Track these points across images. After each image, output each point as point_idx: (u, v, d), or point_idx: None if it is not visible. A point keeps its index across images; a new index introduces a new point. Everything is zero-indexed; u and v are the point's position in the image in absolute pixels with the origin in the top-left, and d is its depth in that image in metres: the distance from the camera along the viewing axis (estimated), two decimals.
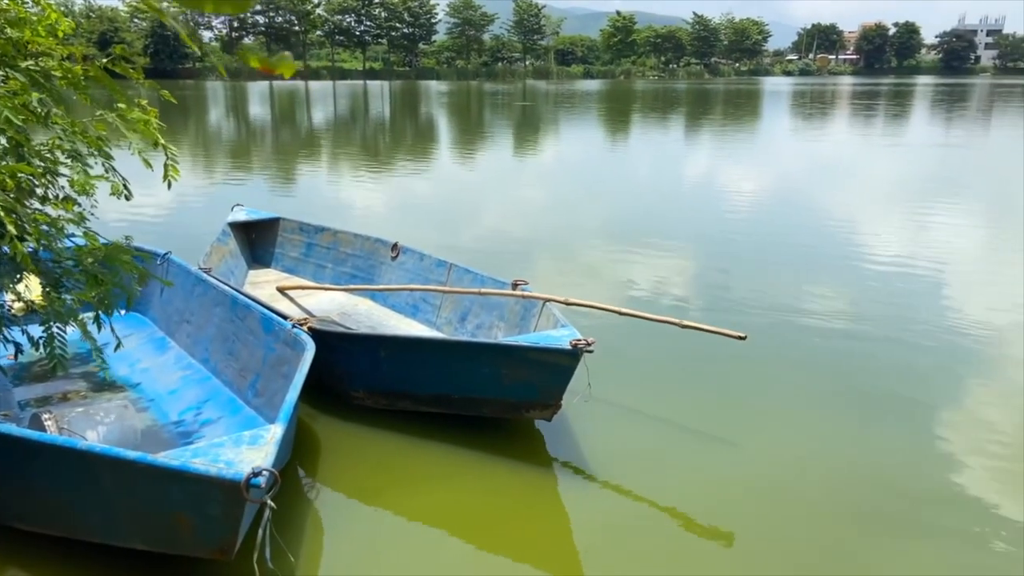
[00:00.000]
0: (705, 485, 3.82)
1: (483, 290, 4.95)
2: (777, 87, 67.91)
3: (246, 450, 2.67)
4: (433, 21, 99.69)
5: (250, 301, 4.49)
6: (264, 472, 2.46)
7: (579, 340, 3.72)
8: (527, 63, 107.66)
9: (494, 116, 33.93)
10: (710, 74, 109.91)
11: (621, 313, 4.24)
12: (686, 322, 4.03)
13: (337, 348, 4.24)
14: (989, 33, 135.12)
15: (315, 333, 4.01)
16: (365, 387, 4.35)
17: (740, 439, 4.23)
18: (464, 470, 3.90)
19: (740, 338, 3.84)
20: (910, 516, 3.57)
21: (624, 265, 8.00)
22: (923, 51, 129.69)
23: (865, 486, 3.81)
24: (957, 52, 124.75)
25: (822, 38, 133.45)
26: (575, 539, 3.43)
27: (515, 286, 4.79)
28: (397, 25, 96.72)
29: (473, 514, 3.58)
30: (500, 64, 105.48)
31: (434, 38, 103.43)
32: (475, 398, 4.11)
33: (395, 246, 6.07)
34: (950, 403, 4.80)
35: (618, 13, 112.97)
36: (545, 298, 4.53)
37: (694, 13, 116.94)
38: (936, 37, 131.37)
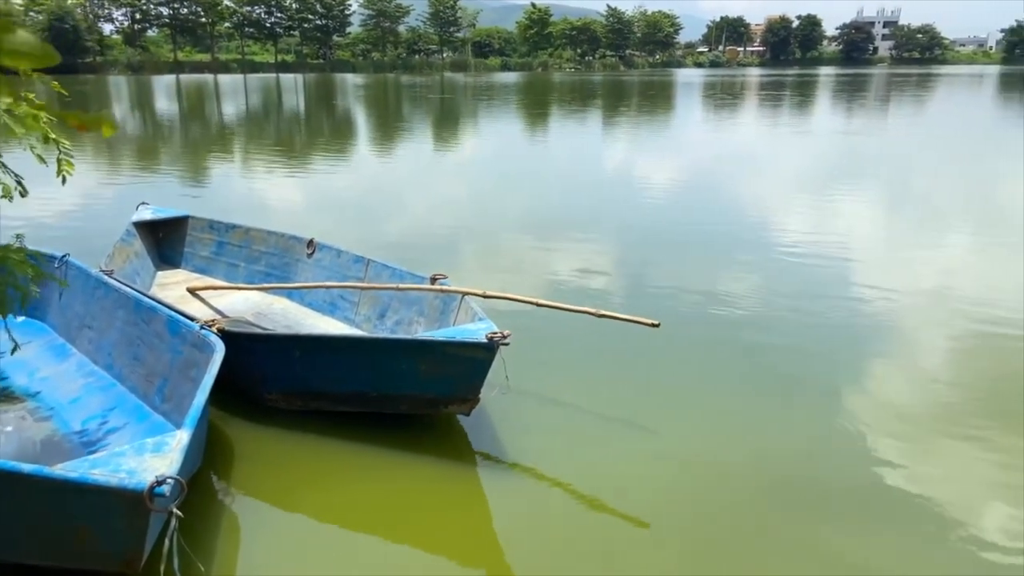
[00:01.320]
0: (625, 472, 3.88)
1: (401, 285, 4.89)
2: (689, 79, 69.51)
3: (149, 458, 2.57)
4: (347, 13, 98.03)
5: (155, 303, 4.32)
6: (168, 480, 2.37)
7: (495, 333, 3.72)
8: (444, 56, 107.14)
9: (412, 109, 33.61)
10: (625, 66, 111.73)
11: (538, 304, 4.26)
12: (601, 311, 4.07)
13: (249, 349, 4.13)
14: (886, 25, 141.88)
15: (225, 334, 3.89)
16: (279, 389, 4.25)
17: (657, 426, 4.31)
18: (384, 468, 3.86)
19: (654, 325, 3.91)
20: (825, 496, 3.70)
21: (543, 256, 8.06)
22: (825, 43, 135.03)
23: (782, 468, 3.94)
24: (856, 43, 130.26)
25: (730, 31, 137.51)
26: (497, 531, 3.44)
27: (434, 280, 4.76)
28: (309, 16, 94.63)
29: (394, 511, 3.55)
30: (417, 57, 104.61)
31: (348, 30, 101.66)
32: (393, 395, 4.07)
33: (311, 243, 5.95)
34: (860, 382, 4.99)
35: (533, 6, 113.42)
36: (463, 292, 4.51)
37: (608, 6, 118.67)
38: (836, 29, 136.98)
